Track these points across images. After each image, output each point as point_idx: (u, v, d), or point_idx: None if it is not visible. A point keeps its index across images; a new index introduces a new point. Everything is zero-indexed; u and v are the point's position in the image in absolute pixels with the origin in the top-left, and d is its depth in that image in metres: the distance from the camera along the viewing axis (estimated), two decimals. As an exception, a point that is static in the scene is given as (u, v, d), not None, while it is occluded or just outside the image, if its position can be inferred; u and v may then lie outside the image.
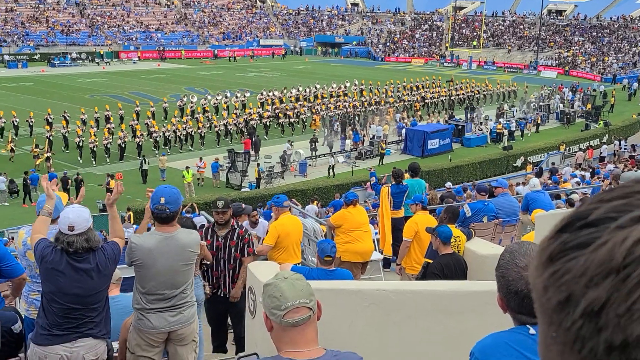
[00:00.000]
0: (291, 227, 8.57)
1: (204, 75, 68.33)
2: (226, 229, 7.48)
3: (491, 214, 10.82)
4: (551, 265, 0.70)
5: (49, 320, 4.73)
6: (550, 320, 0.71)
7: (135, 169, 31.13)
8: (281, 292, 2.60)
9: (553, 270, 0.70)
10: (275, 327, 2.62)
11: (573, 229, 0.71)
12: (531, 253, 2.40)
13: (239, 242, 7.41)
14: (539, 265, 0.72)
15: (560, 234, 0.72)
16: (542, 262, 0.72)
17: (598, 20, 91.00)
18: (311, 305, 2.63)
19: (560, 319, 0.68)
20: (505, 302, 2.43)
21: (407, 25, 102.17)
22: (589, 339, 0.66)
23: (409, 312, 4.71)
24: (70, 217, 4.70)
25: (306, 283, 2.70)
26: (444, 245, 7.17)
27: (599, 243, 0.66)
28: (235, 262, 7.42)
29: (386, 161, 34.25)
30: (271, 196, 24.55)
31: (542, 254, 0.72)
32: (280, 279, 2.68)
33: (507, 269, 2.40)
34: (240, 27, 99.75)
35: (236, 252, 7.41)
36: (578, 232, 0.69)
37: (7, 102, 47.54)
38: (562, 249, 0.70)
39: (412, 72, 73.64)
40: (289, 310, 2.58)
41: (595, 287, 0.65)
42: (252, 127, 38.35)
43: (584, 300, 0.66)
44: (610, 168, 22.96)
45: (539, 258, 0.72)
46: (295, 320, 2.57)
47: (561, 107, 48.90)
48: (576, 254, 0.68)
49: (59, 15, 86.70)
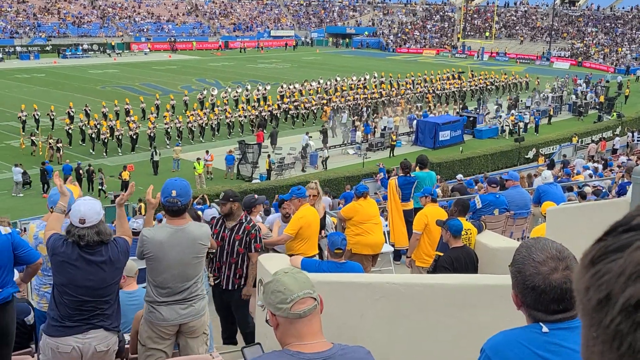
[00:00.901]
0: (312, 218, 8.56)
1: (215, 67, 68.37)
2: (234, 221, 7.48)
3: (502, 207, 10.78)
4: (593, 268, 0.73)
5: (61, 312, 4.75)
6: (591, 320, 0.73)
7: (147, 160, 31.22)
8: (285, 285, 2.62)
9: (594, 272, 0.72)
10: (282, 322, 2.63)
11: (615, 234, 0.73)
12: (548, 249, 2.37)
13: (244, 237, 7.40)
14: (582, 268, 0.75)
15: (603, 239, 0.74)
16: (585, 265, 0.74)
17: (612, 11, 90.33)
18: (315, 295, 2.65)
19: (600, 318, 0.71)
20: (521, 298, 2.38)
21: (418, 16, 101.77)
22: (627, 334, 0.68)
23: (420, 305, 4.71)
24: (82, 210, 4.72)
25: (306, 276, 2.73)
26: (454, 238, 7.15)
27: (638, 244, 0.69)
28: (238, 256, 7.41)
29: (397, 153, 34.17)
30: (282, 188, 24.70)
31: (585, 258, 0.75)
32: (280, 274, 2.70)
33: (524, 264, 2.35)
34: (251, 18, 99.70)
35: (240, 246, 7.39)
36: (619, 236, 0.72)
37: (20, 94, 47.81)
38: (603, 252, 0.72)
39: (424, 64, 73.40)
40: (295, 301, 2.59)
41: (633, 284, 0.67)
42: (263, 119, 38.36)
43: (622, 296, 0.68)
44: (622, 160, 22.81)
45: (582, 262, 0.75)
46: (303, 310, 2.59)
47: (573, 99, 48.60)
48: (616, 256, 0.70)
49: (70, 6, 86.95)
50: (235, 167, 31.09)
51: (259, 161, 31.26)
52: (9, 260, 5.16)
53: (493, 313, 4.45)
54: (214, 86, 50.50)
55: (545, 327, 2.32)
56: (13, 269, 5.31)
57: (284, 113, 40.90)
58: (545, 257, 2.33)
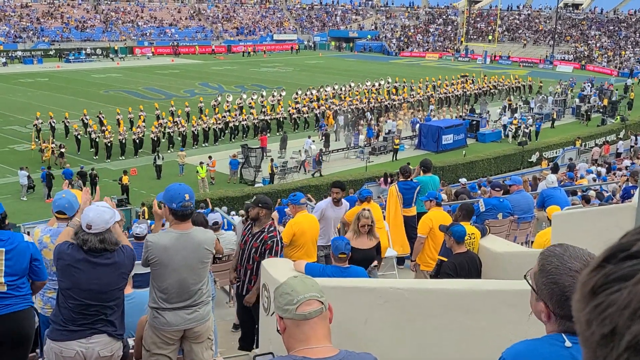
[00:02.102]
0: (307, 225, 8.58)
1: (218, 71, 68.48)
2: (259, 227, 7.53)
3: (506, 211, 10.77)
4: (594, 298, 0.68)
5: (65, 317, 4.77)
6: (594, 354, 0.68)
7: (150, 164, 31.27)
8: (292, 287, 2.64)
9: (596, 303, 0.68)
10: (289, 325, 2.63)
11: (616, 260, 0.69)
12: (581, 256, 2.25)
13: (260, 246, 7.43)
14: (582, 298, 0.71)
15: (603, 266, 0.70)
16: (585, 294, 0.70)
17: (615, 14, 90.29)
18: (322, 299, 2.65)
19: (605, 354, 0.66)
20: (557, 309, 2.24)
21: (421, 20, 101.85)
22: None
23: (424, 310, 4.70)
24: (90, 215, 4.74)
25: (315, 281, 2.75)
26: (457, 244, 7.14)
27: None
28: (253, 263, 7.44)
29: (400, 157, 34.17)
30: (285, 192, 24.72)
31: (584, 286, 0.71)
32: (290, 278, 2.74)
33: (560, 274, 2.23)
34: (254, 22, 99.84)
35: (255, 254, 7.43)
36: (621, 264, 0.68)
37: (23, 98, 47.94)
38: (604, 282, 0.68)
39: (426, 67, 73.45)
40: (300, 303, 2.60)
41: (639, 319, 0.62)
42: (266, 123, 38.41)
43: (628, 333, 0.63)
44: (626, 164, 22.79)
45: (581, 291, 0.71)
46: (308, 312, 2.60)
47: (577, 102, 48.55)
48: (619, 286, 0.66)
49: (73, 11, 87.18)
50: (238, 172, 31.12)
51: (261, 165, 31.31)
52: (27, 267, 5.28)
53: (496, 318, 4.45)
54: (219, 90, 50.59)
55: (568, 340, 2.22)
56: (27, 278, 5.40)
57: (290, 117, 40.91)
58: (581, 265, 2.22)
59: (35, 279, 5.44)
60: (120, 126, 35.76)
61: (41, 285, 5.57)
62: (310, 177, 30.46)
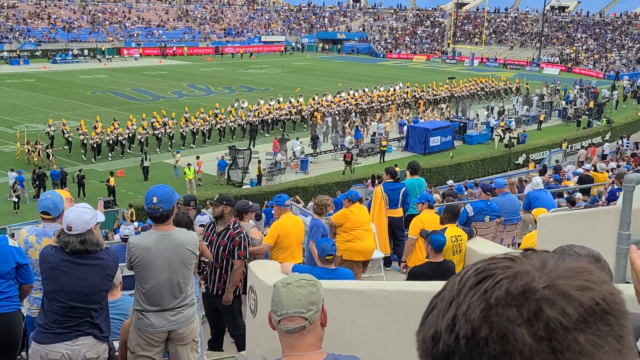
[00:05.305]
0: (291, 227, 8.58)
1: (206, 72, 68.32)
2: (223, 226, 7.54)
3: (493, 213, 10.80)
4: (422, 326, 0.97)
5: (50, 319, 4.74)
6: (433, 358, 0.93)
7: (137, 165, 31.14)
8: (279, 297, 2.62)
9: (424, 325, 0.97)
10: (277, 329, 2.64)
11: (429, 305, 0.99)
12: (584, 252, 2.29)
13: (228, 243, 7.43)
14: (417, 333, 0.98)
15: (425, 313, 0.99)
16: (418, 329, 0.98)
17: (601, 17, 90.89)
18: (308, 315, 2.61)
19: (437, 348, 0.92)
20: None
21: (409, 22, 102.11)
22: (454, 346, 0.89)
23: (411, 312, 4.69)
24: (70, 216, 4.71)
25: (308, 292, 2.66)
26: (434, 252, 7.01)
27: (442, 295, 0.97)
28: (222, 261, 7.44)
29: (387, 158, 34.22)
30: (272, 193, 24.65)
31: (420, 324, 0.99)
32: (283, 283, 2.69)
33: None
34: (242, 23, 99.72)
35: (224, 252, 7.42)
36: (431, 302, 0.99)
37: (9, 99, 47.61)
38: (426, 314, 0.98)
39: (414, 69, 73.63)
40: (283, 317, 2.60)
41: (447, 313, 0.92)
42: (255, 125, 38.34)
43: (443, 322, 0.92)
44: (612, 166, 22.90)
45: (416, 332, 0.99)
46: (288, 329, 2.59)
47: (563, 105, 48.83)
48: (432, 309, 0.97)
49: (60, 11, 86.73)
50: (225, 173, 31.03)
51: (249, 167, 31.25)
52: (12, 271, 5.28)
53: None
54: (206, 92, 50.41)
55: None
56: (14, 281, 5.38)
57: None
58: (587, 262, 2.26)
59: (23, 283, 5.42)
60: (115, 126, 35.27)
61: (29, 289, 5.55)
62: (297, 179, 30.42)
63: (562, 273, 0.90)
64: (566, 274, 0.91)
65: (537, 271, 0.90)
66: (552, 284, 0.88)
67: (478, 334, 0.87)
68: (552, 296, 0.87)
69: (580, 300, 0.87)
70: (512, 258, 0.94)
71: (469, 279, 0.93)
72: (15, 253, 5.31)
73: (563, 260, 0.94)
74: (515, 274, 0.90)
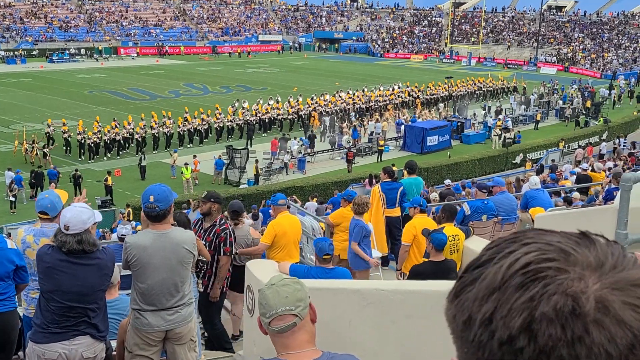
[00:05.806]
0: (288, 227, 8.57)
1: (203, 71, 68.26)
2: (209, 222, 7.61)
3: (491, 212, 10.80)
4: (456, 299, 0.92)
5: (47, 319, 4.73)
6: (460, 340, 0.91)
7: (134, 165, 31.11)
8: (266, 300, 2.65)
9: (457, 302, 0.92)
10: (269, 331, 2.66)
11: (469, 271, 0.93)
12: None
13: (214, 240, 7.49)
14: (448, 302, 0.94)
15: (462, 277, 0.94)
16: (450, 299, 0.94)
17: (598, 17, 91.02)
18: (297, 311, 2.64)
19: (466, 335, 0.89)
20: None
21: (406, 21, 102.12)
22: (486, 342, 0.86)
23: (408, 311, 4.70)
24: (67, 216, 4.70)
25: (293, 289, 2.69)
26: (435, 251, 7.02)
27: (484, 276, 0.90)
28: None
29: (385, 158, 34.24)
30: (270, 193, 24.65)
31: (449, 294, 0.95)
32: (267, 286, 2.72)
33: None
34: (239, 22, 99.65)
35: (209, 248, 7.44)
36: (472, 272, 0.92)
37: (6, 98, 47.51)
38: (462, 286, 0.92)
39: (411, 69, 73.64)
40: (273, 318, 2.63)
41: (485, 303, 0.87)
42: (253, 124, 38.31)
43: (479, 314, 0.87)
44: (609, 165, 22.92)
45: (447, 298, 0.95)
46: (280, 328, 2.61)
47: (561, 104, 48.86)
48: (471, 287, 0.90)
49: (57, 10, 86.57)
50: (223, 172, 31.02)
51: (246, 166, 31.24)
52: (11, 273, 5.36)
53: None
54: (204, 91, 50.35)
55: None
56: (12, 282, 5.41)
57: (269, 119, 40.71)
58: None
59: (19, 282, 5.44)
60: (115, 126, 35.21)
61: (23, 287, 5.59)
62: (295, 178, 30.41)
63: (617, 283, 0.85)
64: (620, 285, 0.84)
65: (591, 274, 0.85)
66: (604, 298, 0.83)
67: (514, 343, 0.84)
68: (601, 319, 0.82)
69: (631, 325, 0.81)
70: (567, 251, 0.89)
71: (516, 274, 0.87)
72: (14, 255, 5.32)
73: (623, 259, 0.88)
74: (568, 287, 0.84)
